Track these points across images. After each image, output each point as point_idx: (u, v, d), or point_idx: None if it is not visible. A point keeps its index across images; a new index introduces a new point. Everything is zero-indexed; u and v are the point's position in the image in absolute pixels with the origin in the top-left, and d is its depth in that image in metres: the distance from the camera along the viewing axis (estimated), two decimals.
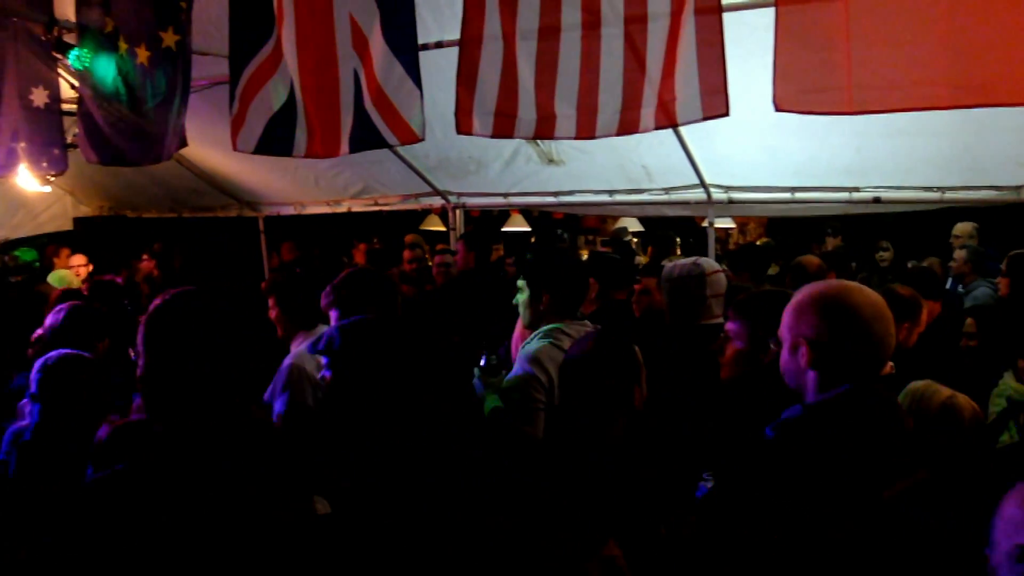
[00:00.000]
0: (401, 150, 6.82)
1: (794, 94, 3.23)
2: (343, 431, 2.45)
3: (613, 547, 2.15)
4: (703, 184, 6.38)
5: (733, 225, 10.99)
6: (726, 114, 3.37)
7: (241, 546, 1.97)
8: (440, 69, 4.33)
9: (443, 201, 7.97)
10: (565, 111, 3.73)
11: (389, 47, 3.86)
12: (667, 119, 3.51)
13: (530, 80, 3.77)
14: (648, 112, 3.55)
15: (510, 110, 3.83)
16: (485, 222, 10.79)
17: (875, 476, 1.96)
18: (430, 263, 7.77)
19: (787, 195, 6.21)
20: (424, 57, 4.13)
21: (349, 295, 3.52)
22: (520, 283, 3.52)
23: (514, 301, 3.64)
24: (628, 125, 3.61)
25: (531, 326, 3.56)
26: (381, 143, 3.98)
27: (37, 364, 3.43)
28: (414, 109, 3.84)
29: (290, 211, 8.90)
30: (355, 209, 8.40)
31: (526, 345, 3.50)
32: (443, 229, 9.97)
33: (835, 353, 2.07)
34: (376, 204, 8.22)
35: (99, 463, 2.85)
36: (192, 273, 8.91)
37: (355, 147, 4.03)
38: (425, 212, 10.05)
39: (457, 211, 8.07)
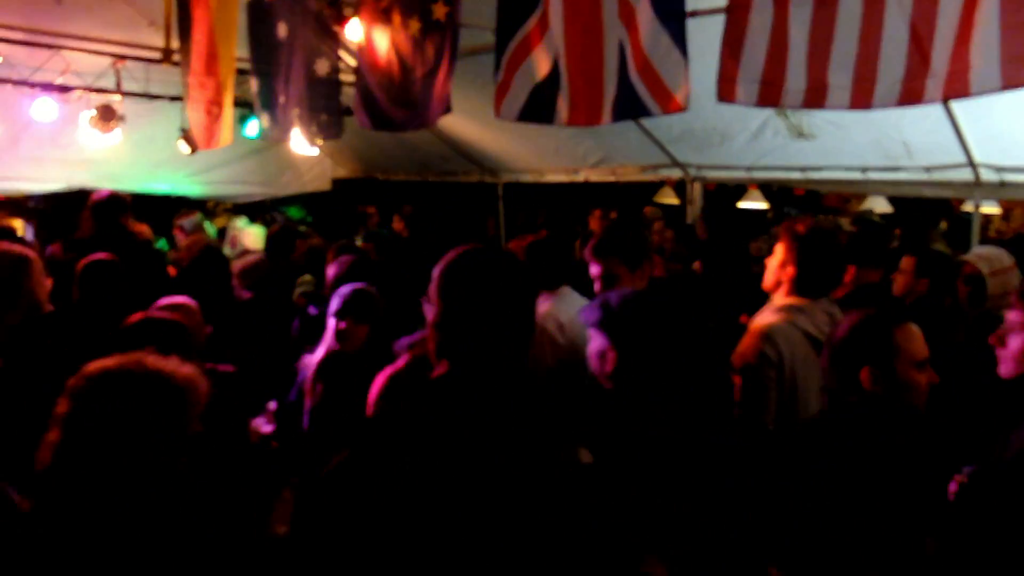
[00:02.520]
0: (644, 121, 6.83)
1: None
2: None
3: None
4: (971, 163, 5.89)
5: (997, 210, 10.05)
6: None
7: (512, 485, 2.09)
8: (691, 39, 4.27)
9: (682, 173, 7.90)
10: (839, 81, 3.57)
11: (657, 16, 3.85)
12: (957, 90, 3.27)
13: (802, 48, 3.63)
14: (935, 82, 3.32)
15: (777, 79, 3.72)
16: (721, 197, 10.55)
17: None
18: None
19: None
20: None
21: None
22: (778, 246, 3.48)
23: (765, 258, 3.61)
24: (910, 95, 3.40)
25: (768, 288, 3.53)
26: (644, 112, 4.00)
27: (340, 291, 4.06)
28: (680, 78, 3.82)
29: (529, 179, 9.17)
30: (592, 179, 8.51)
31: (757, 318, 3.45)
32: (676, 202, 9.87)
33: None
34: (613, 174, 8.28)
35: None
36: (428, 233, 9.42)
37: (618, 116, 4.08)
38: (659, 184, 9.99)
39: (695, 184, 7.97)
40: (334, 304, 4.07)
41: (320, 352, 4.20)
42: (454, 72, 5.18)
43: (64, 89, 7.64)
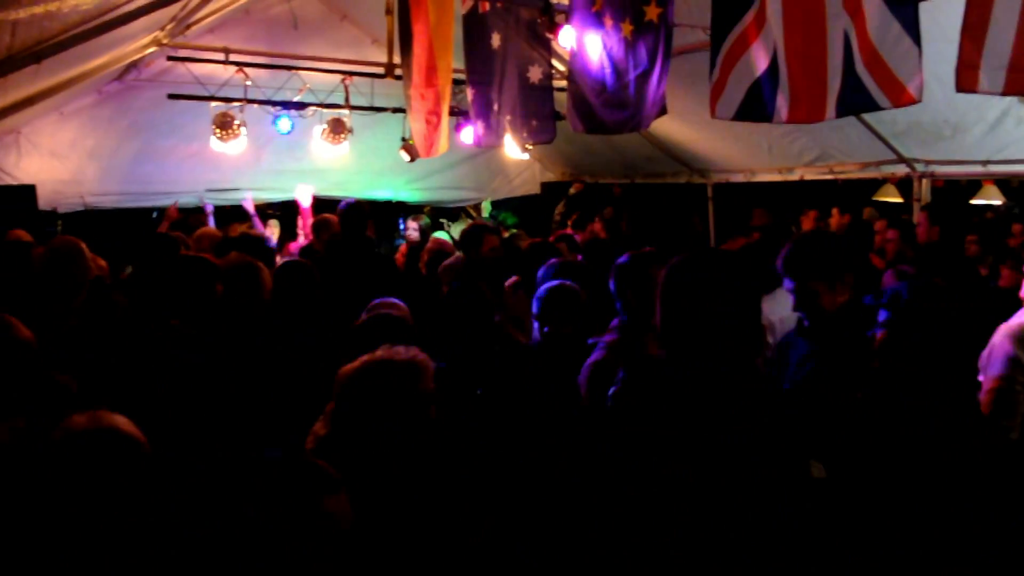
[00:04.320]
0: (866, 115, 6.47)
1: None
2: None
3: None
4: None
5: None
6: None
7: (737, 494, 2.04)
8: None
9: (907, 170, 7.41)
10: None
11: (885, 2, 3.65)
12: None
13: None
14: None
15: None
16: (950, 193, 9.79)
17: None
18: None
19: None
20: None
21: None
22: None
23: None
24: None
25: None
26: (872, 106, 3.79)
27: (538, 292, 4.04)
28: (912, 68, 3.59)
29: (740, 178, 8.94)
30: (807, 177, 8.17)
31: (1010, 321, 3.18)
32: (899, 200, 9.27)
33: None
34: (831, 172, 7.91)
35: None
36: (638, 236, 9.37)
37: (842, 111, 3.89)
38: (879, 182, 9.41)
39: (923, 181, 7.45)
40: (534, 307, 4.12)
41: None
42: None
43: (301, 106, 8.34)
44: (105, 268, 5.45)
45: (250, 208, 8.25)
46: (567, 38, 5.70)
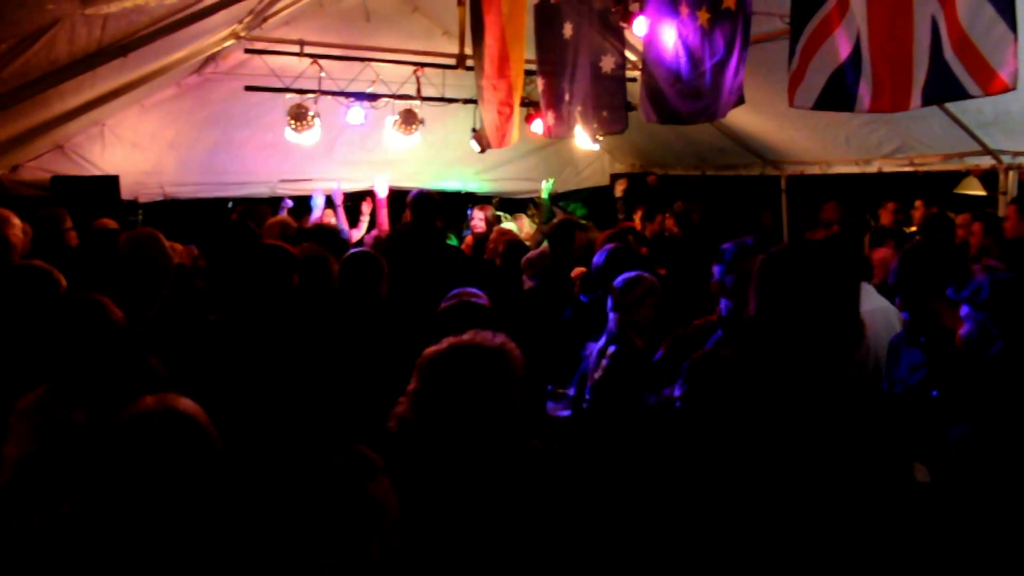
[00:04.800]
0: (950, 104, 6.25)
1: None
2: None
3: None
4: None
5: None
6: None
7: (832, 496, 1.98)
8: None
9: (992, 162, 7.13)
10: None
11: None
12: None
13: None
14: None
15: None
16: None
17: None
18: None
19: None
20: None
21: None
22: None
23: None
24: None
25: None
26: (961, 94, 3.66)
27: (615, 283, 4.04)
28: (1005, 54, 3.45)
29: (815, 170, 8.74)
30: (886, 169, 7.93)
31: None
32: (982, 193, 8.97)
33: None
34: (911, 164, 7.65)
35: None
36: (710, 229, 9.22)
37: (928, 100, 3.76)
38: (960, 174, 9.09)
39: (1009, 173, 7.17)
40: (609, 297, 4.10)
41: (602, 341, 4.28)
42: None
43: (373, 97, 8.44)
44: (184, 254, 5.61)
45: (321, 202, 8.37)
46: (641, 27, 5.64)
